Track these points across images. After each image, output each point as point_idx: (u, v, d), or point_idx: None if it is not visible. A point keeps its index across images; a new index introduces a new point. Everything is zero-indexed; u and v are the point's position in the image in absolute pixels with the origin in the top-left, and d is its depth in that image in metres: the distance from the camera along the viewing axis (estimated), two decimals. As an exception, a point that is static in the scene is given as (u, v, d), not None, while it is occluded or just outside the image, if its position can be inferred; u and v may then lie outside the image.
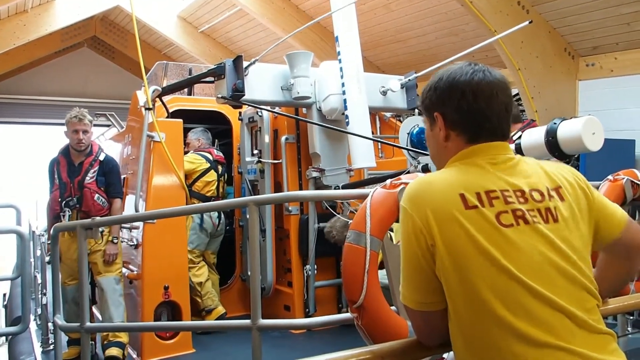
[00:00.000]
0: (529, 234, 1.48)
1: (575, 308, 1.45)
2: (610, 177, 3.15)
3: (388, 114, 6.79)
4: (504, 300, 1.42)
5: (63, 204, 4.91)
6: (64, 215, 4.89)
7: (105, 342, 4.88)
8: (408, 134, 4.61)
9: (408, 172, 4.42)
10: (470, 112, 1.60)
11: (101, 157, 5.06)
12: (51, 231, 4.33)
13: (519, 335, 1.41)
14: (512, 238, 1.47)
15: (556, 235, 1.51)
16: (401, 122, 5.70)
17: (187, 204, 5.43)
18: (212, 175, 5.95)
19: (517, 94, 7.48)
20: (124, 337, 4.90)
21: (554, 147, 2.81)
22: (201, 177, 5.88)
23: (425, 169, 4.27)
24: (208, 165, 5.95)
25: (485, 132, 1.61)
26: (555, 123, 2.83)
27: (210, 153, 6.04)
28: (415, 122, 4.68)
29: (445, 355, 2.45)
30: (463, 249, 1.45)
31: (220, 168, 6.06)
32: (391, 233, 2.71)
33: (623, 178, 3.82)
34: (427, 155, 4.21)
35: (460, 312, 1.48)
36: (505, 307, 1.42)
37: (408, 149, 4.52)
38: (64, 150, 5.18)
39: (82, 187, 4.92)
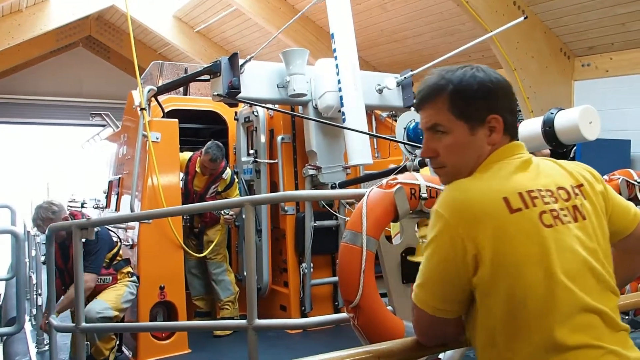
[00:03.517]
0: (566, 234, 1.48)
1: (605, 307, 1.46)
2: (605, 176, 3.16)
3: (384, 114, 6.79)
4: (547, 306, 1.42)
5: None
6: None
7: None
8: (405, 128, 4.61)
9: (405, 168, 4.43)
10: (515, 112, 1.61)
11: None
12: (47, 231, 4.31)
13: (556, 342, 1.40)
14: (555, 239, 1.45)
15: (585, 233, 1.51)
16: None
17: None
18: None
19: (513, 94, 7.48)
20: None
21: (551, 137, 2.80)
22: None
23: (422, 164, 4.27)
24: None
25: (517, 132, 1.62)
26: (552, 113, 2.82)
27: (231, 168, 5.97)
28: (412, 117, 4.69)
29: (441, 356, 2.45)
30: (509, 256, 1.42)
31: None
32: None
33: (618, 178, 3.84)
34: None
35: (498, 321, 1.45)
36: (549, 314, 1.41)
37: (405, 143, 4.52)
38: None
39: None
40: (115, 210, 6.30)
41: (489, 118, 1.55)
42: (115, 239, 4.87)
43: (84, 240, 3.95)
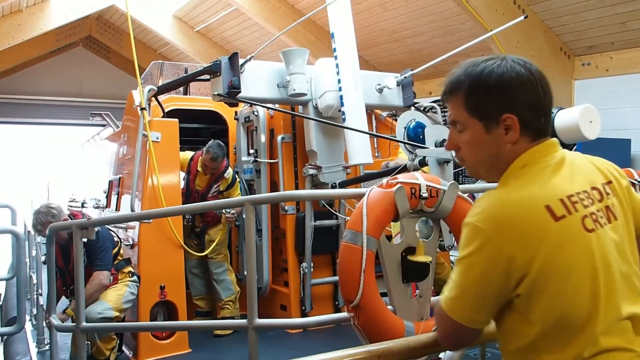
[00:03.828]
0: (605, 238, 1.46)
1: (637, 311, 1.45)
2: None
3: (384, 113, 6.79)
4: (592, 314, 1.40)
5: (69, 292, 4.71)
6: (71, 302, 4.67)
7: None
8: (405, 127, 4.61)
9: (405, 167, 4.43)
10: (540, 108, 1.52)
11: (85, 240, 4.12)
12: (47, 231, 4.31)
13: (594, 346, 1.40)
14: (597, 244, 1.44)
15: (617, 234, 1.49)
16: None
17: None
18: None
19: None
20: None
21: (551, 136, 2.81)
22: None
23: (422, 163, 4.27)
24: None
25: (545, 129, 1.54)
26: (552, 112, 2.83)
27: (232, 168, 5.96)
28: (412, 116, 4.69)
29: (441, 355, 2.45)
30: (556, 265, 1.40)
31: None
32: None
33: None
34: (424, 148, 4.20)
35: (538, 328, 1.43)
36: (593, 321, 1.40)
37: (405, 142, 4.53)
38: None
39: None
40: (116, 210, 6.31)
41: (503, 117, 1.50)
42: (116, 239, 4.88)
43: (85, 240, 3.98)
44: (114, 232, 4.98)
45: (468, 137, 1.56)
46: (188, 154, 5.86)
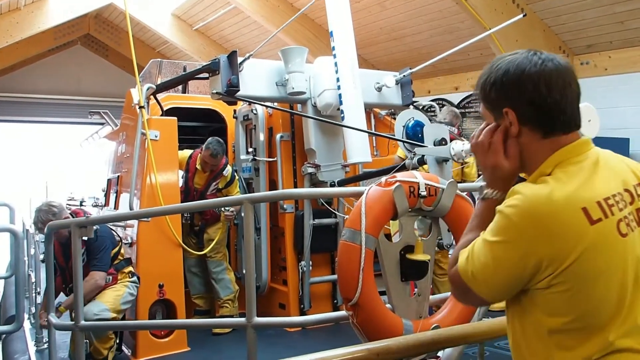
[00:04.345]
0: (636, 242, 1.46)
1: None
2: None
3: (383, 112, 6.80)
4: (616, 317, 1.40)
5: (68, 290, 4.68)
6: None
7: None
8: (404, 126, 4.62)
9: (404, 166, 4.43)
10: (544, 105, 1.50)
11: (84, 237, 4.01)
12: (45, 229, 4.31)
13: (608, 347, 1.41)
14: (630, 248, 1.43)
15: None
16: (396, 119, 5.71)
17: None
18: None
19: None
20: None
21: None
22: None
23: (421, 162, 4.27)
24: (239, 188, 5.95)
25: (559, 125, 1.53)
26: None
27: (230, 166, 5.95)
28: (411, 115, 4.69)
29: (440, 354, 2.46)
30: (588, 268, 1.39)
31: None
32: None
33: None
34: (423, 146, 4.20)
35: (556, 326, 1.43)
36: (614, 324, 1.40)
37: (404, 141, 4.53)
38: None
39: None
40: (115, 208, 6.30)
41: (504, 110, 1.54)
42: (117, 238, 4.86)
43: (86, 238, 3.96)
44: (114, 231, 4.98)
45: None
46: (187, 152, 5.86)
